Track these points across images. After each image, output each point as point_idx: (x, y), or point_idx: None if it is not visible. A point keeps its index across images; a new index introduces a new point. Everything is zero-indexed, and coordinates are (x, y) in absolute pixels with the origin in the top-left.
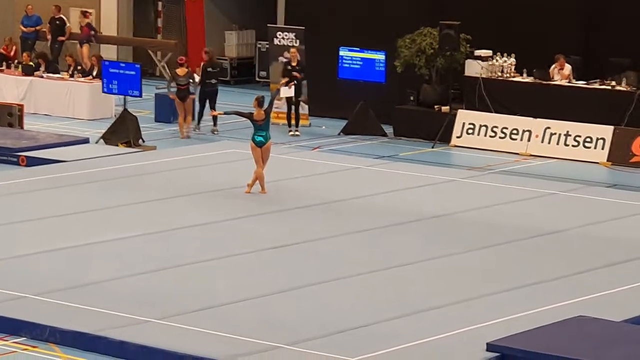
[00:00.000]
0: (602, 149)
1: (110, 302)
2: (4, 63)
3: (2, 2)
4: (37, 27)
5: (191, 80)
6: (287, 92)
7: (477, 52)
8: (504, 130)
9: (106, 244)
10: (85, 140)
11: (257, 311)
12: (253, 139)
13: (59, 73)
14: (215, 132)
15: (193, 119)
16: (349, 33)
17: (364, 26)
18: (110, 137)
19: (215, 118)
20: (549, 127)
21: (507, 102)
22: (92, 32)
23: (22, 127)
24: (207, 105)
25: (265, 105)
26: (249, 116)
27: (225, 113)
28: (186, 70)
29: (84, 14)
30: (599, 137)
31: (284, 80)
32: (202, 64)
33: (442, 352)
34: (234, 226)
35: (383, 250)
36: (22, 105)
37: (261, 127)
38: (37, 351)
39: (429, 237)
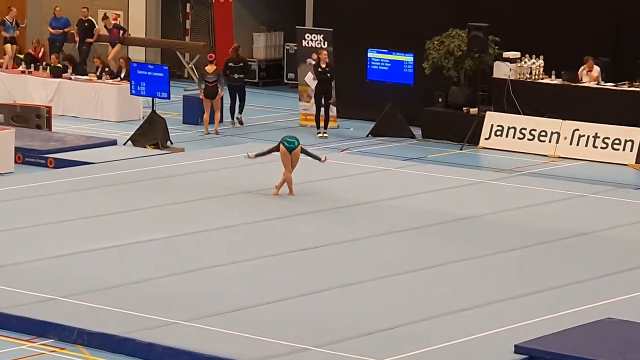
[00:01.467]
0: (631, 150)
1: (138, 304)
2: (32, 65)
3: (30, 4)
4: (66, 29)
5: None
6: (312, 82)
7: (506, 54)
8: (532, 132)
9: (134, 246)
10: (113, 142)
11: (285, 313)
12: (283, 144)
13: (87, 75)
14: (240, 124)
15: (222, 120)
16: (377, 35)
17: (393, 28)
18: (138, 139)
19: (241, 111)
20: (577, 129)
21: (536, 104)
22: (122, 32)
23: (50, 129)
24: (237, 103)
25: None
26: (275, 149)
27: (257, 155)
28: (214, 67)
29: (105, 17)
30: (628, 139)
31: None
32: (225, 59)
33: (470, 354)
34: (262, 228)
35: (411, 252)
36: (50, 107)
37: (290, 134)
38: (64, 353)
39: (456, 239)
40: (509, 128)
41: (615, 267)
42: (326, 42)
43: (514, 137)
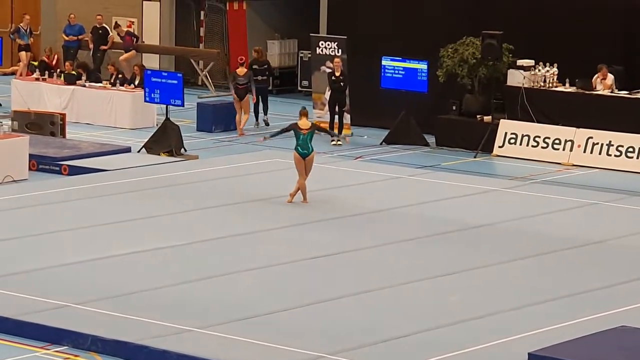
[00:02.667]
0: None
1: (152, 312)
2: (46, 72)
3: (44, 11)
4: (80, 37)
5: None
6: (328, 93)
7: (520, 62)
8: (546, 140)
9: (148, 253)
10: (127, 150)
11: (299, 320)
12: (297, 151)
13: (101, 82)
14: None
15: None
16: (391, 42)
17: (407, 35)
18: (152, 146)
19: (266, 112)
20: (591, 137)
21: (550, 112)
22: (135, 40)
23: (64, 136)
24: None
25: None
26: (294, 126)
27: (272, 136)
28: (246, 70)
29: (117, 26)
30: None
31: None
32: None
33: None
34: (276, 235)
35: (425, 259)
36: (64, 114)
37: (305, 137)
38: None
39: (470, 247)
40: (522, 136)
41: (629, 275)
42: (340, 50)
43: (527, 145)
